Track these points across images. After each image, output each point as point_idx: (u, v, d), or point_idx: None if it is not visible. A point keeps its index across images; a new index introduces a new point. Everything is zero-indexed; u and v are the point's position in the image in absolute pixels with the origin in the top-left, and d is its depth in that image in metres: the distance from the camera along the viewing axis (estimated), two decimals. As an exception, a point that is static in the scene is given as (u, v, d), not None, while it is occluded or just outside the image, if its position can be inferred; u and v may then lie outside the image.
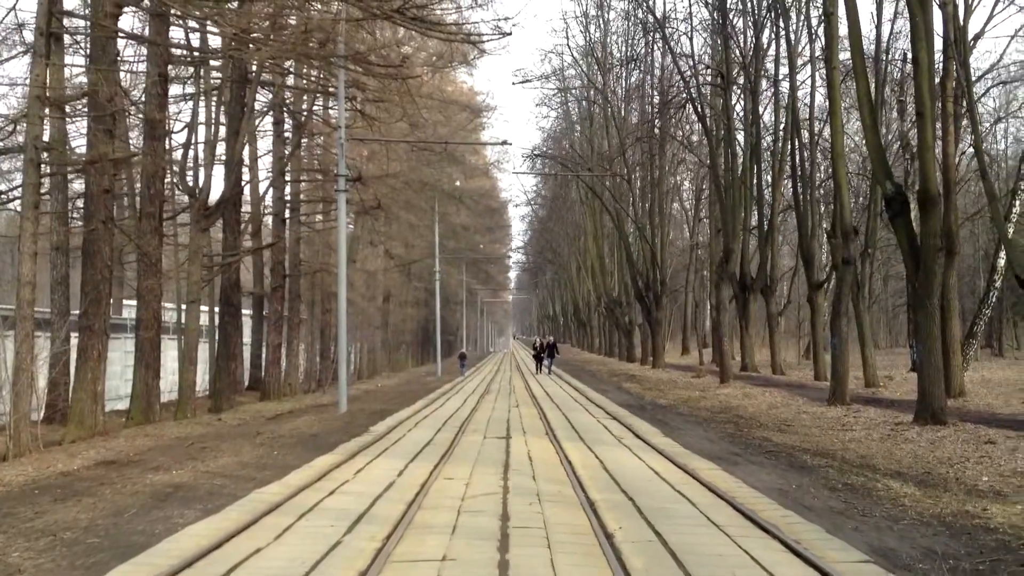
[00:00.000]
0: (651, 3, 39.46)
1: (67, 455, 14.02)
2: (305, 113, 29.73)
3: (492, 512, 8.86)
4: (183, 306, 25.17)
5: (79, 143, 22.23)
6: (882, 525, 8.07)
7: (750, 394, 23.47)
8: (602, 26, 47.47)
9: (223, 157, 24.38)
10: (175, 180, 24.57)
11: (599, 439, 14.33)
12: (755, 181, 33.82)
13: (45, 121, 19.02)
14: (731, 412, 19.31)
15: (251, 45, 16.97)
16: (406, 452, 13.82)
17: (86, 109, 18.17)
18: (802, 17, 31.38)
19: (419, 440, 15.54)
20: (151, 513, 9.02)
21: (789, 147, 31.75)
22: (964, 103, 21.45)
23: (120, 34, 17.75)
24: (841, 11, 19.71)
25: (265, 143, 33.75)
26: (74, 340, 18.59)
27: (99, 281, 17.51)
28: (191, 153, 24.37)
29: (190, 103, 25.13)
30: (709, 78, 34.67)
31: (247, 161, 29.73)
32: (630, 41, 45.44)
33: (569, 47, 68.73)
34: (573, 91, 53.30)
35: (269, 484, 10.66)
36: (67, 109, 18.55)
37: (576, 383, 30.04)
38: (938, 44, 19.65)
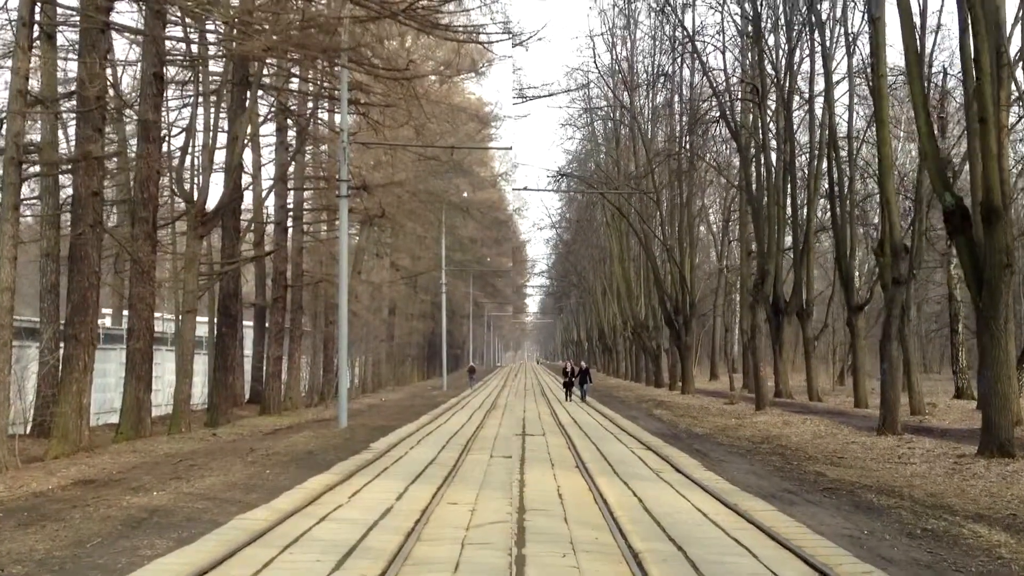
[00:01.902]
0: (680, 16, 38.58)
1: (45, 473, 13.21)
2: (309, 112, 28.92)
3: (502, 546, 7.89)
4: (179, 316, 24.30)
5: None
6: (985, 585, 6.96)
7: (790, 422, 22.22)
8: (629, 44, 46.54)
9: (223, 165, 23.57)
10: (173, 185, 23.73)
11: (636, 473, 13.15)
12: (789, 200, 32.60)
13: (39, 120, 18.30)
14: (773, 442, 18.16)
15: (249, 36, 16.14)
16: (407, 472, 12.94)
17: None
18: (839, 29, 30.29)
19: (421, 459, 14.68)
20: (117, 543, 8.10)
21: (825, 164, 30.52)
22: (1020, 109, 20.26)
23: (111, 26, 16.89)
24: (889, 15, 18.69)
25: (268, 152, 33.06)
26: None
27: (86, 288, 16.63)
28: (189, 158, 23.60)
29: (188, 108, 24.37)
30: (740, 93, 33.62)
31: (250, 169, 28.95)
32: (657, 58, 44.58)
33: (596, 65, 67.52)
34: (599, 111, 52.37)
35: (255, 508, 9.81)
36: (61, 110, 17.81)
37: (604, 409, 28.72)
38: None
